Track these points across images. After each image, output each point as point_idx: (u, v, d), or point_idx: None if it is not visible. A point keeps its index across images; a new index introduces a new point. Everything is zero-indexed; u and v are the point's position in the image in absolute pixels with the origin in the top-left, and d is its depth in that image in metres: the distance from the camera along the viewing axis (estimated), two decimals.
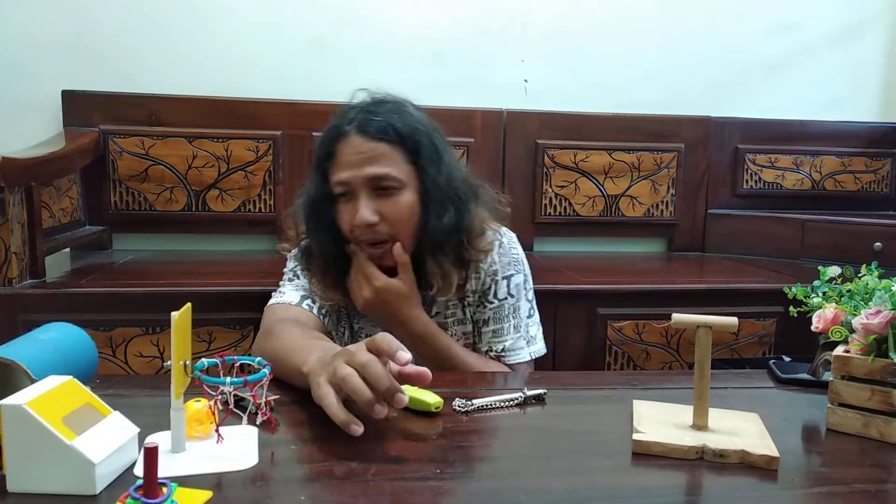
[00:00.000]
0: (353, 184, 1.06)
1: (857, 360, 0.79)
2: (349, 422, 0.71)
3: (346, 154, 1.07)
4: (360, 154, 1.06)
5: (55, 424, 0.61)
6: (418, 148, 1.09)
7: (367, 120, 1.07)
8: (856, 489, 0.66)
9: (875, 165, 2.50)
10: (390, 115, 1.08)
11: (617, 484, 0.67)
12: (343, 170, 1.07)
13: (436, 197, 1.09)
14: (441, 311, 1.21)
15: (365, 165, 1.06)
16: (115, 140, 2.04)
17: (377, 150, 1.06)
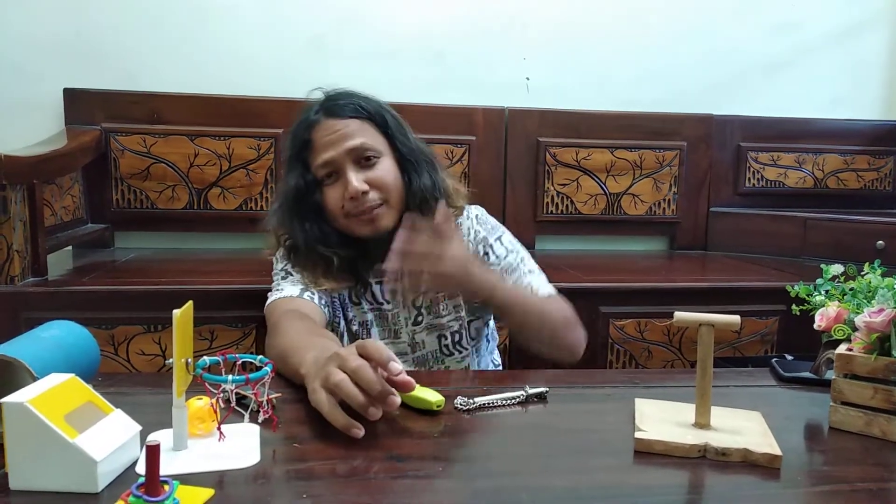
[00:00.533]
0: (338, 160, 1.12)
1: (860, 359, 0.79)
2: (349, 426, 0.72)
3: (323, 137, 1.14)
4: (336, 133, 1.13)
5: (57, 422, 0.61)
6: (385, 119, 1.18)
7: (332, 104, 1.16)
8: (858, 488, 0.66)
9: (877, 163, 2.50)
10: (351, 97, 1.18)
11: (619, 482, 0.67)
12: (324, 151, 1.13)
13: (411, 159, 1.18)
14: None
15: (343, 141, 1.12)
16: (117, 138, 2.04)
17: (350, 127, 1.14)
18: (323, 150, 1.13)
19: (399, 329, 1.25)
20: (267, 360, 0.78)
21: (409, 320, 1.25)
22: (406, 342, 1.26)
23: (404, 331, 1.25)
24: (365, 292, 1.24)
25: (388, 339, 1.25)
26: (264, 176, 2.12)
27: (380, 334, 1.25)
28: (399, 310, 1.25)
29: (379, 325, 1.25)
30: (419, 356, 1.27)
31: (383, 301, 1.24)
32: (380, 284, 1.24)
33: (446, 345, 1.27)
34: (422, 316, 1.25)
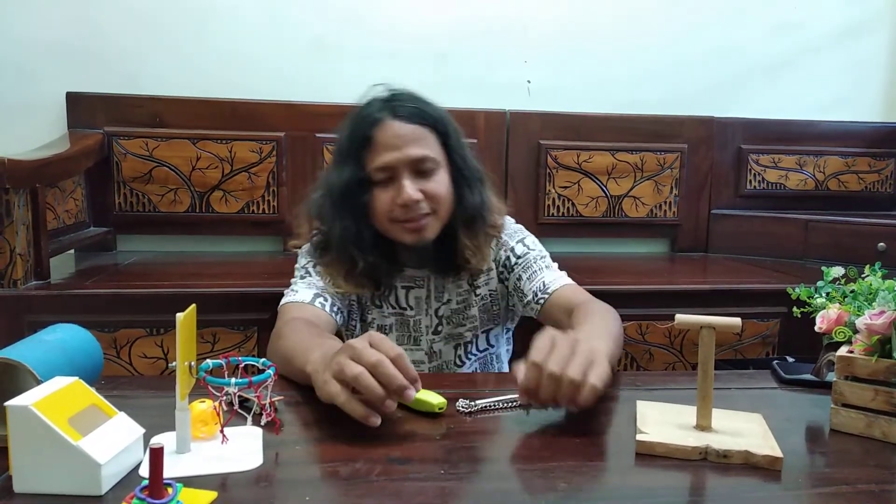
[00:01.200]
0: (396, 166, 1.11)
1: (861, 361, 0.79)
2: (368, 415, 0.72)
3: (386, 138, 1.11)
4: (400, 137, 1.11)
5: (61, 425, 0.61)
6: (447, 131, 1.17)
7: (400, 106, 1.13)
8: (859, 490, 0.66)
9: (879, 165, 2.50)
10: (418, 102, 1.16)
11: (620, 484, 0.67)
12: (384, 153, 1.10)
13: (467, 175, 1.18)
14: (452, 298, 1.25)
15: (406, 147, 1.11)
16: (120, 142, 2.05)
17: (416, 133, 1.12)
18: (384, 151, 1.11)
19: (419, 337, 1.25)
20: (270, 363, 0.79)
21: (430, 329, 1.25)
22: (424, 350, 1.26)
23: (424, 339, 1.25)
24: (388, 295, 1.24)
25: (407, 346, 1.25)
26: (266, 179, 2.13)
27: (398, 340, 1.25)
28: (421, 317, 1.25)
29: (399, 331, 1.25)
30: (435, 366, 1.27)
31: (406, 306, 1.24)
32: (405, 290, 1.23)
33: (459, 354, 1.28)
34: (442, 326, 1.26)
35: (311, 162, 2.14)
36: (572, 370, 0.75)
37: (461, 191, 1.17)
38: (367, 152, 1.12)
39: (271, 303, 1.58)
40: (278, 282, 1.67)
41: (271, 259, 2.09)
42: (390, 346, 0.75)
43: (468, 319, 1.26)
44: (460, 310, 1.25)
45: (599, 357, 0.78)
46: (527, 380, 0.77)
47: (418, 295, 1.24)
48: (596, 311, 1.05)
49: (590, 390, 0.75)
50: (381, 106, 1.14)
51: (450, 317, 1.25)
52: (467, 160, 1.19)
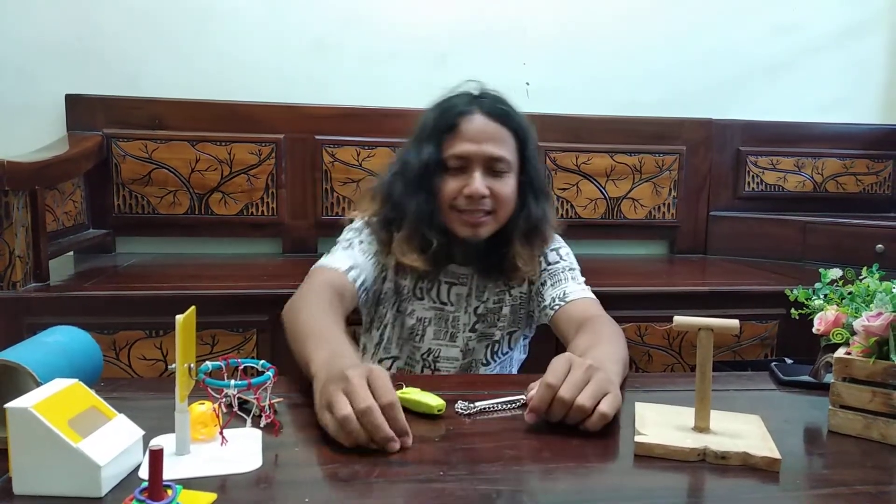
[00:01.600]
0: (472, 158, 1.15)
1: (859, 363, 0.79)
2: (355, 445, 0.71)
3: (470, 130, 1.15)
4: (483, 132, 1.15)
5: (61, 427, 0.61)
6: (527, 140, 1.20)
7: (491, 104, 1.18)
8: (857, 491, 0.66)
9: (876, 167, 2.50)
10: (507, 105, 1.20)
11: (619, 486, 0.67)
12: (464, 143, 1.15)
13: (535, 187, 1.22)
14: (490, 297, 1.27)
15: (486, 143, 1.15)
16: (119, 144, 2.05)
17: (499, 133, 1.16)
18: (464, 141, 1.15)
19: (456, 333, 1.27)
20: (269, 365, 0.79)
21: (468, 326, 1.27)
22: (460, 347, 1.27)
23: (461, 336, 1.27)
24: (431, 289, 1.25)
25: (444, 341, 1.27)
26: (265, 181, 2.13)
27: (435, 335, 1.26)
28: (460, 314, 1.26)
29: (436, 325, 1.26)
30: (466, 363, 1.28)
31: (447, 302, 1.26)
32: (448, 286, 1.25)
33: (487, 354, 1.29)
34: (479, 324, 1.27)
35: (310, 164, 2.15)
36: (584, 398, 0.77)
37: (527, 200, 1.21)
38: (448, 138, 1.16)
39: (270, 305, 1.59)
40: (277, 283, 1.68)
41: (270, 261, 2.09)
42: (385, 391, 0.73)
43: (501, 319, 1.28)
44: (496, 309, 1.28)
45: (613, 387, 0.80)
46: (539, 400, 0.78)
47: (459, 292, 1.26)
48: (605, 334, 1.06)
49: (599, 418, 0.76)
50: (471, 100, 1.19)
51: (486, 315, 1.27)
52: (538, 173, 1.24)
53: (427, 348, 1.26)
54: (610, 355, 0.95)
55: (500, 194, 1.16)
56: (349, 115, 2.17)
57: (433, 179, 1.16)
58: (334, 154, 2.15)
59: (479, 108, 1.17)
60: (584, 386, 0.78)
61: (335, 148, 2.15)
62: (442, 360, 1.27)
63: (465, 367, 1.28)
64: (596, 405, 0.77)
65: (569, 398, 0.77)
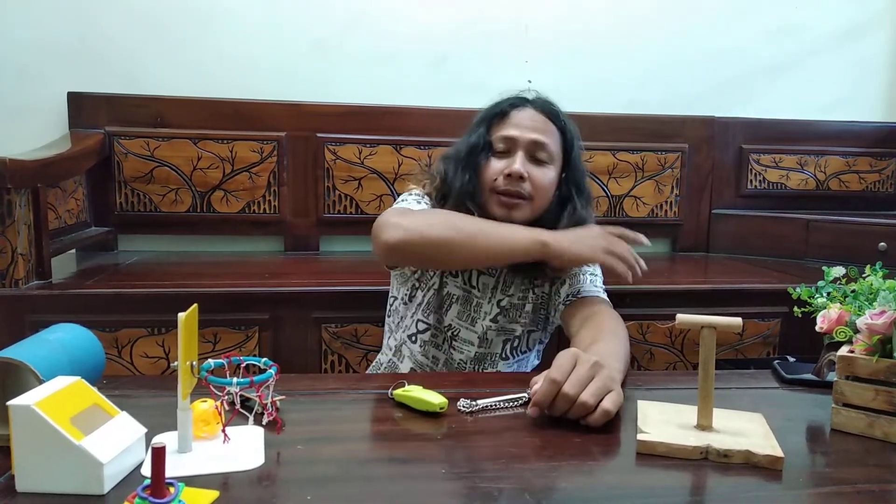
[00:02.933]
0: (518, 141, 1.21)
1: (862, 361, 0.79)
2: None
3: (518, 117, 1.24)
4: (531, 121, 1.23)
5: (63, 425, 0.61)
6: (573, 142, 1.27)
7: (543, 102, 1.27)
8: (860, 489, 0.66)
9: (880, 165, 2.50)
10: (556, 106, 1.28)
11: (621, 484, 0.67)
12: (512, 127, 1.22)
13: (579, 186, 1.27)
14: (515, 293, 1.29)
15: (533, 131, 1.21)
16: (121, 142, 2.05)
17: (546, 125, 1.23)
18: (512, 126, 1.22)
19: (477, 318, 1.29)
20: (271, 363, 0.79)
21: (489, 315, 1.28)
22: (478, 334, 1.28)
23: (480, 323, 1.28)
24: (462, 273, 1.29)
25: (464, 323, 1.29)
26: (267, 179, 2.13)
27: (459, 314, 1.29)
28: (484, 302, 1.28)
29: (462, 306, 1.29)
30: (481, 353, 1.29)
31: (475, 286, 1.28)
32: (478, 273, 1.28)
33: (506, 350, 1.30)
34: (501, 316, 1.29)
35: (311, 162, 2.15)
36: (587, 394, 0.78)
37: (572, 198, 1.25)
38: (497, 122, 1.25)
39: (272, 303, 1.60)
40: (279, 281, 1.68)
41: (272, 259, 2.09)
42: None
43: (523, 315, 1.30)
44: (519, 305, 1.29)
45: (616, 384, 0.82)
46: (542, 395, 0.79)
47: (486, 282, 1.29)
48: (608, 328, 1.08)
49: (602, 415, 0.78)
50: (528, 99, 1.27)
51: (508, 310, 1.29)
52: (581, 174, 1.29)
53: (449, 323, 1.29)
54: (613, 352, 0.96)
55: (538, 181, 1.20)
56: (351, 113, 2.17)
57: (480, 160, 1.23)
58: (336, 152, 2.15)
59: (531, 103, 1.26)
60: (589, 382, 0.79)
61: (337, 146, 2.15)
62: (460, 339, 1.29)
63: (481, 357, 1.29)
64: (599, 402, 0.78)
65: (573, 394, 0.78)
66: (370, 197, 2.17)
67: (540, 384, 0.80)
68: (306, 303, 1.60)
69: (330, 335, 1.62)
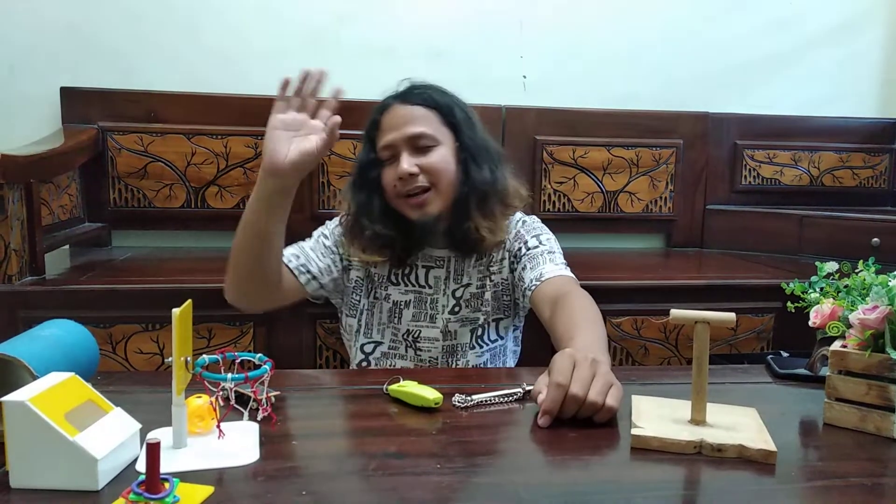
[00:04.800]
0: (396, 144, 1.21)
1: (854, 356, 0.80)
2: None
3: (389, 120, 1.24)
4: (401, 118, 1.22)
5: (57, 421, 0.61)
6: (452, 111, 1.24)
7: (406, 92, 1.26)
8: (852, 483, 0.67)
9: (873, 161, 2.50)
10: (427, 89, 1.26)
11: (615, 478, 0.68)
12: (387, 134, 1.23)
13: (474, 152, 1.24)
14: (472, 282, 1.30)
15: (405, 126, 1.21)
16: (114, 137, 2.04)
17: (415, 113, 1.22)
18: (387, 132, 1.23)
19: (436, 315, 1.29)
20: (265, 359, 0.79)
21: (447, 308, 1.29)
22: (440, 328, 1.29)
23: (440, 317, 1.29)
24: (409, 274, 1.29)
25: (424, 323, 1.29)
26: None
27: (415, 316, 1.29)
28: (439, 296, 1.29)
29: (416, 308, 1.29)
30: (449, 345, 1.30)
31: (425, 285, 1.29)
32: (426, 269, 1.29)
33: (475, 339, 1.30)
34: (459, 307, 1.29)
35: None
36: (594, 393, 0.79)
37: (468, 167, 1.23)
38: (376, 135, 1.25)
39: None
40: None
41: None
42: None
43: (484, 304, 1.30)
44: (478, 294, 1.30)
45: (614, 378, 0.83)
46: (551, 402, 0.78)
47: (437, 275, 1.29)
48: (582, 314, 1.06)
49: (607, 412, 0.79)
50: (393, 94, 1.27)
51: (468, 300, 1.29)
52: (476, 139, 1.26)
53: (406, 329, 1.29)
54: (596, 341, 0.97)
55: (430, 167, 1.20)
56: (346, 108, 2.15)
57: (373, 176, 1.24)
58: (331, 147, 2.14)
59: (398, 99, 1.25)
60: (592, 381, 0.80)
61: None
62: (423, 339, 1.29)
63: (449, 350, 1.29)
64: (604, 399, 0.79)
65: (581, 395, 0.78)
66: None
67: (545, 392, 0.80)
68: None
69: (324, 331, 1.62)
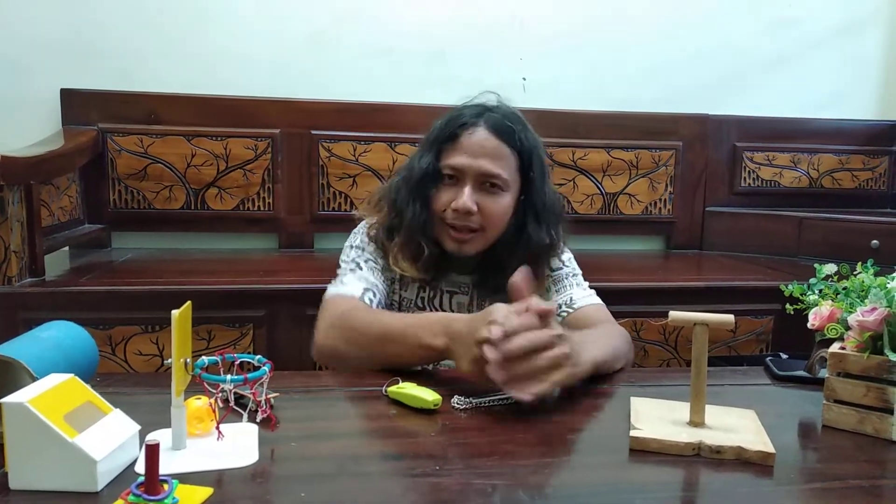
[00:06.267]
0: (466, 171, 1.12)
1: (853, 357, 0.80)
2: None
3: (470, 143, 1.13)
4: (482, 147, 1.12)
5: (57, 422, 0.61)
6: (532, 161, 1.16)
7: (498, 120, 1.14)
8: (851, 485, 0.67)
9: (872, 163, 2.51)
10: (518, 124, 1.15)
11: (614, 480, 0.68)
12: (461, 155, 1.13)
13: (538, 209, 1.17)
14: None
15: (482, 158, 1.12)
16: (114, 138, 2.04)
17: (499, 150, 1.13)
18: (461, 153, 1.13)
19: None
20: (265, 360, 0.79)
21: None
22: None
23: None
24: (434, 298, 1.23)
25: None
26: (261, 176, 2.12)
27: None
28: None
29: None
30: None
31: (448, 309, 1.23)
32: (450, 294, 1.23)
33: None
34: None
35: (306, 159, 2.14)
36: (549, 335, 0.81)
37: (526, 221, 1.16)
38: (448, 148, 1.14)
39: (267, 300, 1.59)
40: (273, 279, 1.68)
41: (266, 256, 2.09)
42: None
43: None
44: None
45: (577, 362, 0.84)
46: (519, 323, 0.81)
47: (461, 301, 1.24)
48: (606, 329, 1.07)
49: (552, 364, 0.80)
50: (480, 111, 1.16)
51: None
52: (545, 196, 1.18)
53: None
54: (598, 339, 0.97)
55: (488, 211, 1.13)
56: (345, 110, 2.17)
57: (429, 189, 1.15)
58: (330, 149, 2.15)
59: (485, 122, 1.14)
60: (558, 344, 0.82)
61: (331, 143, 2.15)
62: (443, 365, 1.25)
63: None
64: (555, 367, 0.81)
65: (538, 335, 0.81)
66: (365, 194, 2.17)
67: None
68: (300, 300, 1.60)
69: None
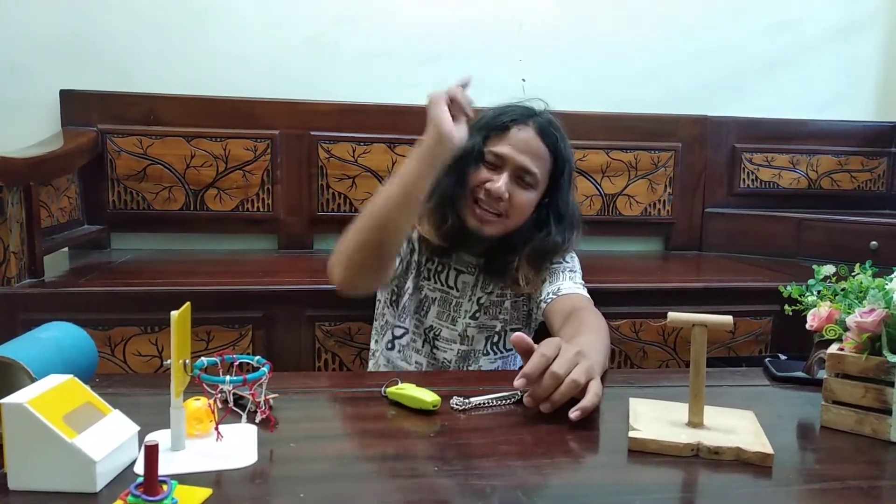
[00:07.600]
0: (508, 161, 1.22)
1: (851, 358, 0.80)
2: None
3: (517, 137, 1.23)
4: (527, 144, 1.23)
5: (56, 423, 0.61)
6: (563, 169, 1.28)
7: (546, 125, 1.26)
8: (849, 486, 0.67)
9: (871, 164, 2.51)
10: (559, 132, 1.28)
11: (613, 481, 0.68)
12: (505, 146, 1.23)
13: (561, 212, 1.28)
14: (494, 290, 1.32)
15: (526, 154, 1.22)
16: (114, 139, 2.04)
17: (539, 151, 1.24)
18: (506, 144, 1.23)
19: (457, 318, 1.32)
20: (264, 361, 0.79)
21: (469, 313, 1.32)
22: (458, 332, 1.32)
23: (461, 321, 1.32)
24: (441, 272, 1.32)
25: (445, 323, 1.33)
26: (261, 177, 2.12)
27: (438, 315, 1.33)
28: (464, 300, 1.32)
29: (440, 307, 1.32)
30: (465, 350, 1.32)
31: (453, 287, 1.32)
32: (457, 272, 1.32)
33: (489, 346, 1.34)
34: (480, 313, 1.32)
35: (305, 160, 2.14)
36: (577, 374, 0.81)
37: (549, 222, 1.26)
38: (495, 136, 1.24)
39: (266, 301, 1.59)
40: (273, 280, 1.68)
41: (266, 257, 2.09)
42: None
43: (502, 312, 1.33)
44: (498, 302, 1.32)
45: (597, 374, 0.84)
46: (532, 367, 0.81)
47: (466, 280, 1.32)
48: (589, 324, 1.09)
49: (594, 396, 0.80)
50: (530, 113, 1.27)
51: (488, 307, 1.32)
52: (568, 202, 1.30)
53: (430, 324, 1.33)
54: (593, 345, 0.98)
55: (517, 202, 1.22)
56: (345, 111, 2.17)
57: (469, 166, 1.23)
58: (330, 150, 2.15)
59: (534, 123, 1.24)
60: (575, 366, 0.82)
61: (331, 144, 2.15)
62: (441, 339, 1.33)
63: (464, 355, 1.33)
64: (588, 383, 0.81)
65: (562, 373, 0.80)
66: (364, 195, 2.17)
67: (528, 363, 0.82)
68: (300, 301, 1.60)
69: (323, 333, 1.62)
